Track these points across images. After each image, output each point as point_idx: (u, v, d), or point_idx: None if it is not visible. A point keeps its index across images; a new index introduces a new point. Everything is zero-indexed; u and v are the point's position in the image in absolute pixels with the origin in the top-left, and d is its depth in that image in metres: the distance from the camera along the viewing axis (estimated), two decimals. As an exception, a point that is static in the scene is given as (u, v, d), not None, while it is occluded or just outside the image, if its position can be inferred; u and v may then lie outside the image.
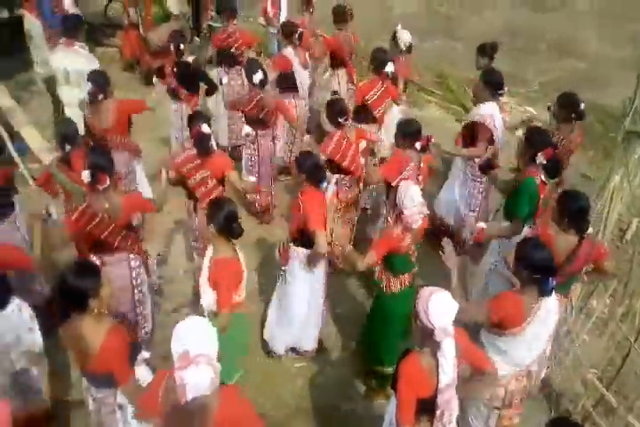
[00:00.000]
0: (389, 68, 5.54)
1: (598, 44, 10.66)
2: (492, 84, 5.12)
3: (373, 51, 5.73)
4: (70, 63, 5.78)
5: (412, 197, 3.70)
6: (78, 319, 2.95)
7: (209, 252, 3.67)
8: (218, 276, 3.49)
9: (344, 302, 5.16)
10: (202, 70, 6.19)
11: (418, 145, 4.45)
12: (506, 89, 5.24)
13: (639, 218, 6.04)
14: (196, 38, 9.46)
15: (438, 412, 2.79)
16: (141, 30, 8.41)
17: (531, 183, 4.18)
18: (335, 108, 4.92)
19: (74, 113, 5.40)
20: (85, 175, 3.72)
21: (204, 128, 4.46)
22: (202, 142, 4.48)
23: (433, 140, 4.52)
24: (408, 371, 2.80)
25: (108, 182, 3.79)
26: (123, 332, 3.06)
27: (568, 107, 4.80)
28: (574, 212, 3.60)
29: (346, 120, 4.92)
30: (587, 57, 10.18)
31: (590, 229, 3.75)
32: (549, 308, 3.25)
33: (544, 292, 3.17)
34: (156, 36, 7.09)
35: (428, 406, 2.79)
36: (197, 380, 2.39)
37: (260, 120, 5.54)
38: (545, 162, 4.14)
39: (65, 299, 2.96)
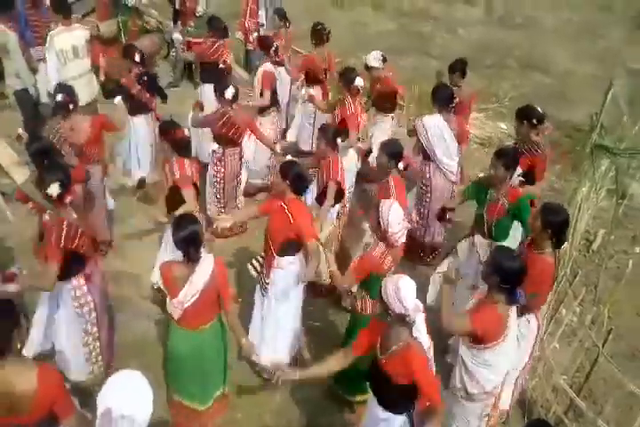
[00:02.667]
0: (358, 82, 5.73)
1: (566, 60, 11.00)
2: (439, 99, 5.39)
3: (342, 70, 6.00)
4: (77, 38, 6.18)
5: (395, 215, 3.78)
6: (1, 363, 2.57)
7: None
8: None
9: (325, 316, 5.16)
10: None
11: (401, 165, 4.58)
12: (455, 101, 5.48)
13: (605, 229, 6.23)
14: (172, 53, 9.54)
15: None
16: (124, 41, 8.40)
17: (525, 202, 4.31)
18: (330, 132, 4.92)
19: (77, 85, 5.41)
20: (54, 189, 3.59)
21: (185, 131, 4.54)
22: (184, 146, 4.55)
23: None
24: (422, 355, 2.98)
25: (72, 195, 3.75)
26: (52, 370, 2.77)
27: (524, 116, 4.94)
28: (556, 225, 3.61)
29: (342, 140, 4.97)
30: (555, 73, 10.50)
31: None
32: (514, 315, 3.39)
33: (511, 301, 3.29)
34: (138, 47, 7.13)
35: None
36: None
37: (228, 138, 5.51)
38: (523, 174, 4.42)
39: None
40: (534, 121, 4.90)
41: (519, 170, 4.49)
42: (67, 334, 4.03)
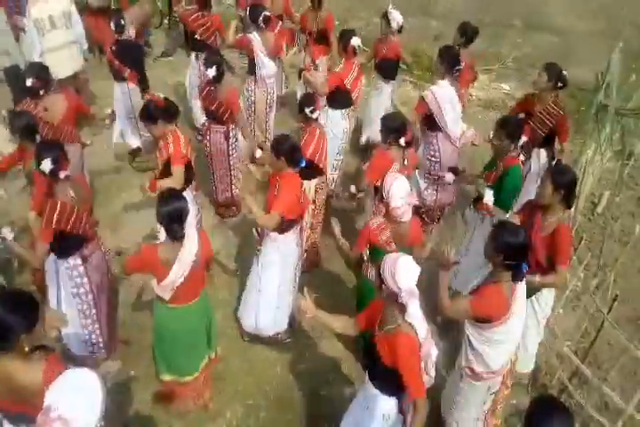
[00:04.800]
0: (355, 41, 5.48)
1: (570, 18, 10.63)
2: (446, 62, 5.12)
3: (340, 32, 5.71)
4: (54, 8, 6.00)
5: (398, 188, 3.67)
6: (6, 359, 2.55)
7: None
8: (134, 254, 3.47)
9: (326, 288, 5.08)
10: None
11: (402, 141, 4.38)
12: (462, 65, 5.20)
13: (610, 191, 6.10)
14: (165, 21, 9.31)
15: (422, 364, 2.91)
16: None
17: (516, 172, 4.24)
18: (305, 101, 4.72)
19: (57, 57, 5.43)
20: (46, 165, 3.54)
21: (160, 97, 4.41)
22: (170, 113, 4.43)
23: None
24: (409, 343, 2.85)
25: (68, 170, 3.67)
26: (58, 361, 2.71)
27: (554, 75, 4.86)
28: (566, 185, 3.58)
29: (313, 112, 4.68)
30: (558, 31, 10.15)
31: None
32: (522, 291, 3.27)
33: (517, 277, 3.18)
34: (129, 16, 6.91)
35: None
36: None
37: (211, 112, 5.26)
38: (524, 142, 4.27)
39: None
40: (560, 84, 4.87)
41: (524, 138, 4.33)
42: (66, 313, 3.94)
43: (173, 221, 3.31)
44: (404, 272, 2.80)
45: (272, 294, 4.32)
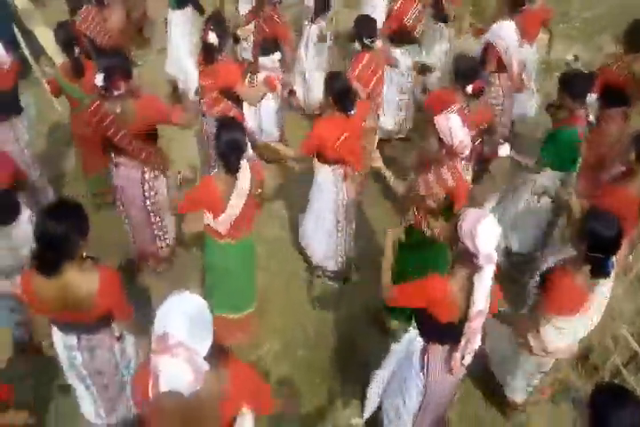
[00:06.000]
0: None
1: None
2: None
3: None
4: None
5: (455, 123, 3.35)
6: (64, 269, 2.56)
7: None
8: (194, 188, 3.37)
9: (370, 237, 4.96)
10: None
11: (469, 88, 4.04)
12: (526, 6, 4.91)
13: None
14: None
15: (464, 340, 2.67)
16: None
17: (573, 135, 3.92)
18: (364, 27, 4.52)
19: None
20: (99, 79, 3.35)
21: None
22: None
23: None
24: (437, 293, 2.62)
25: (123, 88, 3.43)
26: (112, 270, 2.75)
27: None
28: None
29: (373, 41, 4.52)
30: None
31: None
32: (604, 287, 3.02)
33: (597, 273, 2.88)
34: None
35: (453, 333, 2.67)
36: (173, 373, 1.89)
37: None
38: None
39: (49, 249, 2.49)
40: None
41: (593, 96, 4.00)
42: None
43: (232, 153, 3.11)
44: (485, 235, 2.51)
45: (312, 223, 4.30)
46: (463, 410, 3.75)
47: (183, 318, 1.93)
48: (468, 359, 2.76)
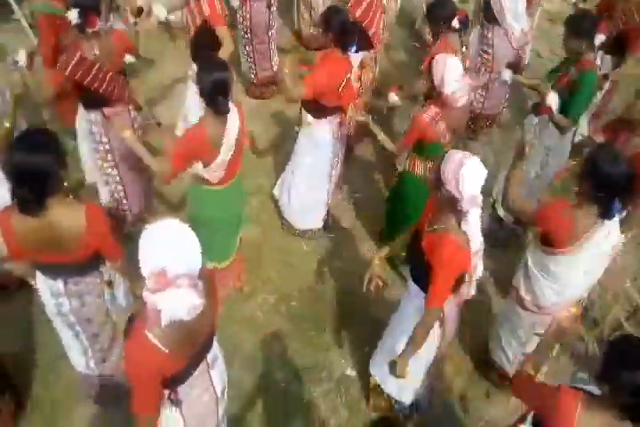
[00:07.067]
0: None
1: None
2: None
3: None
4: None
5: (452, 71, 3.20)
6: (48, 206, 2.38)
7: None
8: (177, 142, 3.18)
9: (364, 187, 4.89)
10: None
11: (455, 22, 3.89)
12: None
13: None
14: None
15: (467, 276, 2.62)
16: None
17: (592, 78, 3.70)
18: None
19: None
20: (73, 15, 3.15)
21: None
22: None
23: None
24: (453, 251, 2.50)
25: (98, 25, 3.24)
26: (98, 206, 2.62)
27: None
28: None
29: None
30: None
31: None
32: (608, 232, 2.81)
33: (606, 214, 2.71)
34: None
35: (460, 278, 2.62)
36: (176, 306, 1.80)
37: None
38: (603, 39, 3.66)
39: (30, 185, 2.29)
40: None
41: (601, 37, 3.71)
42: (89, 166, 3.94)
43: (218, 93, 2.92)
44: (470, 177, 2.39)
45: (301, 181, 4.10)
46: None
47: (176, 246, 1.85)
48: (472, 291, 2.72)
